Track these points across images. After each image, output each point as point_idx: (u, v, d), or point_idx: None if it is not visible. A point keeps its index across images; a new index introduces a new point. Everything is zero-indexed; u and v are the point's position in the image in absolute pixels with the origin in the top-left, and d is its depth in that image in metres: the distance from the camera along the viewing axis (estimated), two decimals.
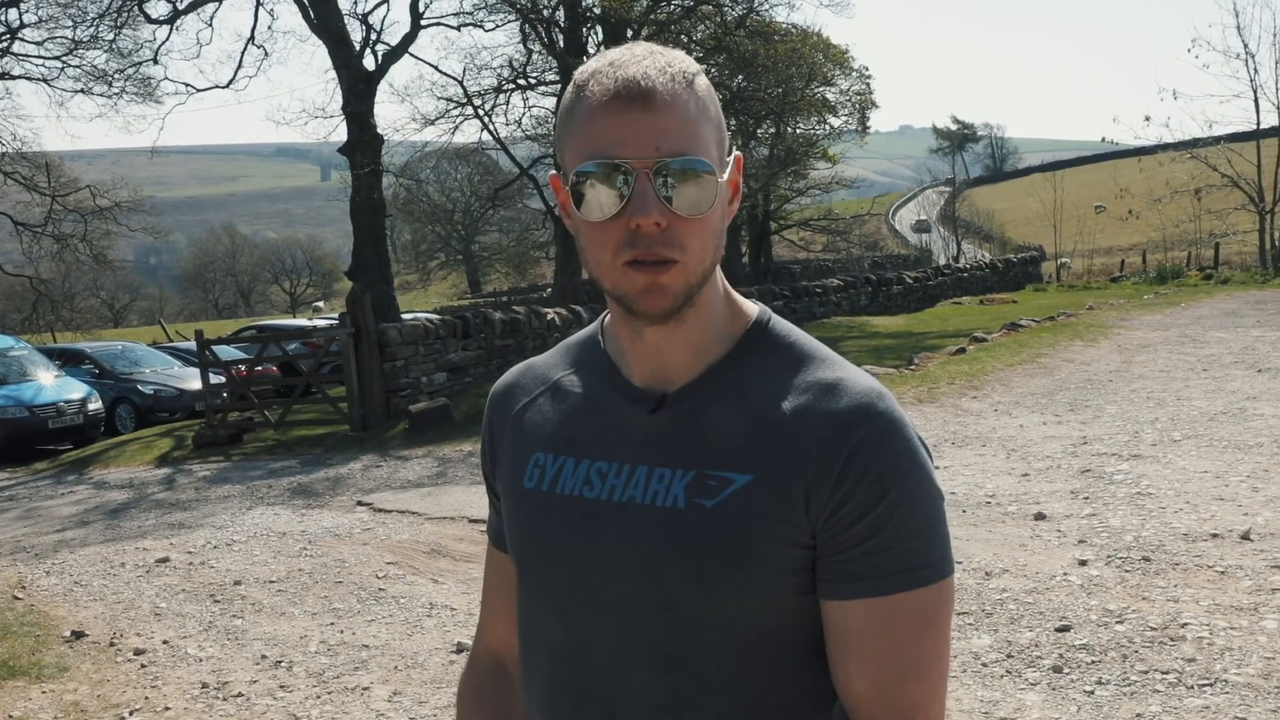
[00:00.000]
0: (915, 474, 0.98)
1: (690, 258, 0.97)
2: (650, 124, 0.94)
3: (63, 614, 5.72)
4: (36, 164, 24.20)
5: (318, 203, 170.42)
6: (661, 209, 0.94)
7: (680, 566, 0.99)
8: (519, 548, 1.12)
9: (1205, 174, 30.30)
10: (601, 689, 1.04)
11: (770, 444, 0.99)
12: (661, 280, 0.96)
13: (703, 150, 0.96)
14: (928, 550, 0.98)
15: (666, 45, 1.02)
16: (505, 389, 1.20)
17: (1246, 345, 12.59)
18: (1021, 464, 7.42)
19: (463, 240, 59.33)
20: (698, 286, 0.99)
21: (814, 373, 1.02)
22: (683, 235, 0.96)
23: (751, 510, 0.97)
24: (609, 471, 1.05)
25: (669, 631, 1.00)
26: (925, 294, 28.26)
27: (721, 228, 1.00)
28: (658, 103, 0.94)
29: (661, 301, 0.97)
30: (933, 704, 1.00)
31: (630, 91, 0.95)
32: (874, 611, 0.97)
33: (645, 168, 0.94)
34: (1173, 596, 4.60)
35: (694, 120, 0.96)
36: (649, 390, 1.05)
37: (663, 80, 0.95)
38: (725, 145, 1.01)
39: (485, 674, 1.26)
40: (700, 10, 22.38)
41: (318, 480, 9.38)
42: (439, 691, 4.32)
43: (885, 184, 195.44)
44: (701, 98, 0.98)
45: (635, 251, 0.96)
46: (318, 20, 16.35)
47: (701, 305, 1.02)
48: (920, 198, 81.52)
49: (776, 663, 1.01)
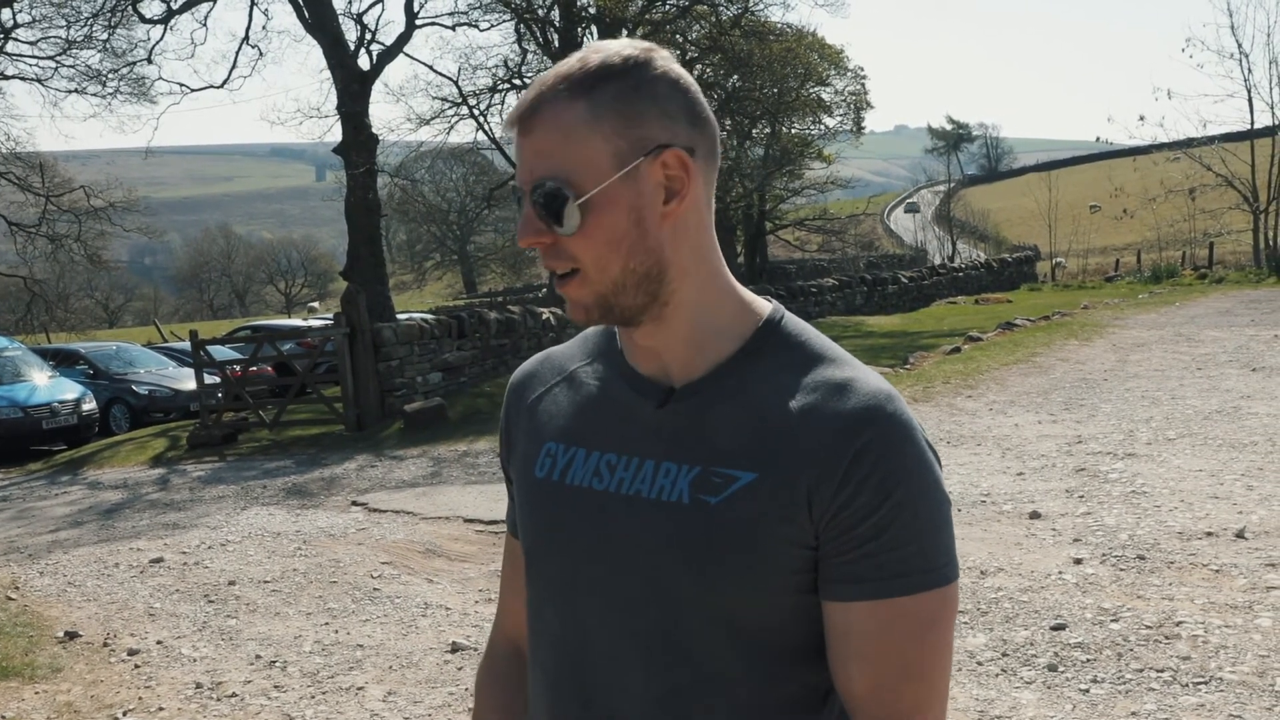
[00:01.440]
0: (922, 477, 0.97)
1: (589, 268, 0.99)
2: (529, 146, 0.98)
3: (56, 614, 5.70)
4: (31, 164, 24.17)
5: (313, 203, 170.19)
6: (537, 229, 0.98)
7: (682, 562, 0.99)
8: (528, 537, 1.12)
9: (1200, 173, 30.33)
10: (603, 682, 1.04)
11: (776, 442, 0.98)
12: (568, 292, 1.01)
13: (576, 166, 0.96)
14: (932, 554, 0.97)
15: (661, 45, 1.01)
16: (523, 378, 1.20)
17: (1241, 344, 12.61)
18: (1016, 463, 7.42)
19: (458, 240, 59.35)
20: (614, 294, 0.99)
21: (824, 372, 1.01)
22: (571, 249, 0.98)
23: (755, 508, 0.97)
24: (618, 464, 1.05)
25: (670, 627, 1.00)
26: (920, 294, 28.28)
27: (625, 237, 0.98)
28: (534, 123, 0.97)
29: (576, 312, 1.02)
30: (933, 706, 0.99)
31: (514, 117, 0.99)
32: (876, 614, 0.96)
33: (527, 190, 0.98)
34: (1168, 595, 4.60)
35: (575, 134, 0.96)
36: (657, 383, 1.05)
37: (548, 96, 0.97)
38: (634, 148, 0.97)
39: (503, 660, 1.27)
40: (695, 10, 22.39)
41: (312, 480, 9.36)
42: (433, 691, 4.32)
43: (880, 184, 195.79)
44: (598, 103, 0.96)
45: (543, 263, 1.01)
46: (312, 20, 16.33)
47: (683, 304, 1.02)
48: (915, 197, 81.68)
49: (777, 660, 1.01)
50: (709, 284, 1.04)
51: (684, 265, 1.01)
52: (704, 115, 1.02)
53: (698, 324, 1.03)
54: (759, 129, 32.14)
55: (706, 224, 1.04)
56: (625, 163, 0.97)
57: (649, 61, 0.99)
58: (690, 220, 1.01)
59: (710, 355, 1.04)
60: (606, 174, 0.97)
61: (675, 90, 0.99)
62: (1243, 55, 37.83)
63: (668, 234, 1.00)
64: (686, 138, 0.99)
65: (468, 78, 23.57)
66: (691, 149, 0.99)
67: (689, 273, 1.02)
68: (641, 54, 0.99)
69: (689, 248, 1.01)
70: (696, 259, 1.02)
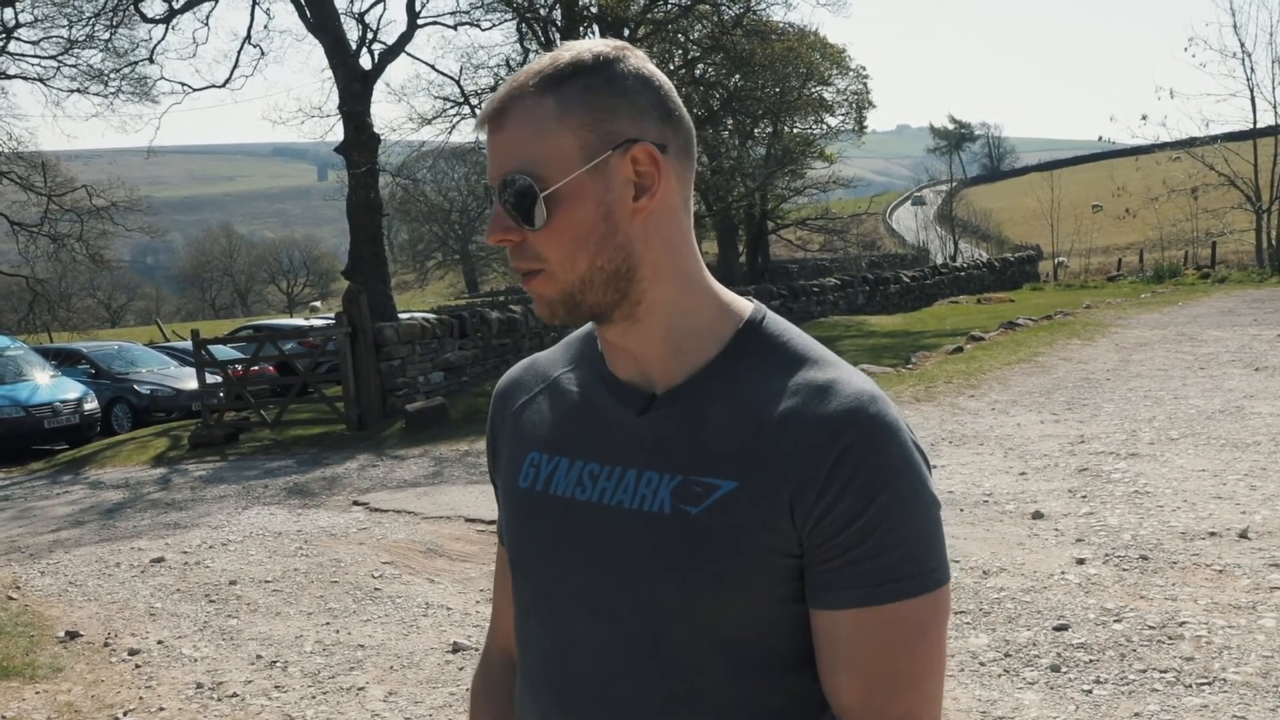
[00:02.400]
0: (906, 479, 0.94)
1: (554, 265, 0.97)
2: (497, 144, 0.97)
3: (57, 614, 5.70)
4: (33, 164, 24.21)
5: (314, 202, 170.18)
6: (505, 226, 0.97)
7: (665, 573, 0.97)
8: (513, 549, 1.10)
9: (1202, 173, 30.30)
10: (588, 694, 1.02)
11: (757, 449, 0.96)
12: (534, 289, 1.00)
13: (544, 160, 0.95)
14: (920, 558, 0.94)
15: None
16: (507, 386, 1.18)
17: (1244, 344, 12.59)
18: (1019, 463, 7.41)
19: (460, 240, 59.32)
20: (581, 291, 0.98)
21: (806, 374, 0.99)
22: (537, 246, 0.97)
23: (736, 517, 0.95)
24: (600, 474, 1.03)
25: (655, 638, 0.98)
26: (922, 293, 28.22)
27: (597, 228, 0.96)
28: (503, 121, 0.97)
29: (542, 308, 1.01)
30: (926, 715, 0.96)
31: (484, 116, 0.98)
32: (863, 622, 0.94)
33: (496, 187, 0.97)
34: (1171, 595, 4.59)
35: (543, 129, 0.95)
36: (636, 389, 1.03)
37: (517, 93, 0.96)
38: (609, 138, 0.96)
39: (497, 669, 1.25)
40: (697, 9, 22.37)
41: (314, 480, 9.36)
42: (434, 691, 4.31)
43: (882, 183, 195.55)
44: (566, 98, 0.95)
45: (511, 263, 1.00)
46: (314, 19, 16.33)
47: (656, 304, 1.00)
48: (917, 196, 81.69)
49: (765, 671, 0.98)
50: (685, 284, 1.01)
51: (656, 263, 0.99)
52: (677, 113, 1.00)
53: (674, 326, 1.01)
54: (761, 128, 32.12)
55: (682, 223, 1.01)
56: (593, 156, 0.95)
57: (620, 58, 0.97)
58: (663, 218, 0.99)
59: (690, 359, 1.01)
60: (574, 168, 0.95)
61: (646, 86, 0.98)
62: (1245, 54, 38.00)
63: (638, 231, 0.98)
64: (657, 134, 0.98)
65: (469, 77, 23.54)
66: (663, 145, 0.98)
67: (662, 272, 1.00)
68: (613, 51, 0.97)
69: (662, 245, 0.99)
70: (671, 258, 1.00)
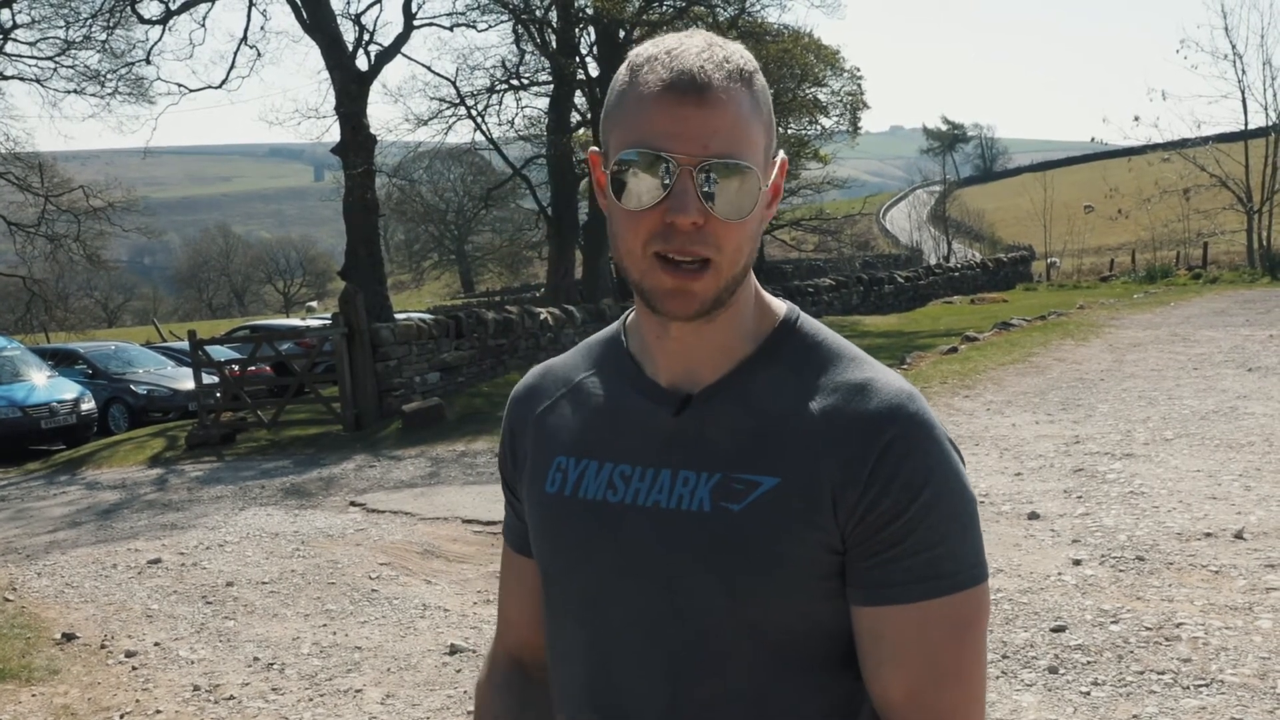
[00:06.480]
0: (947, 476, 0.95)
1: (724, 259, 0.94)
2: (701, 121, 0.91)
3: (53, 616, 5.69)
4: (30, 164, 24.14)
5: (311, 203, 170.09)
6: (700, 209, 0.92)
7: (706, 572, 0.97)
8: (544, 556, 1.10)
9: (1194, 174, 30.37)
10: (626, 696, 1.02)
11: (798, 446, 0.96)
12: (693, 286, 0.94)
13: (750, 153, 0.94)
14: (962, 554, 0.95)
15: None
16: (525, 392, 1.17)
17: (1236, 344, 12.62)
18: (1014, 463, 7.42)
19: (456, 240, 59.32)
20: (729, 291, 0.96)
21: (843, 373, 1.00)
22: (719, 236, 0.93)
23: (779, 514, 0.95)
24: (632, 475, 1.02)
25: (696, 638, 0.98)
26: (916, 293, 28.25)
27: (758, 231, 0.97)
28: (710, 99, 0.92)
29: (688, 306, 0.95)
30: (972, 709, 0.97)
31: (685, 84, 0.92)
32: (908, 618, 0.94)
33: (690, 165, 0.91)
34: (1167, 596, 4.60)
35: (746, 120, 0.93)
36: (674, 390, 1.03)
37: (719, 76, 0.92)
38: (773, 147, 0.98)
39: (504, 673, 1.24)
40: (692, 11, 22.37)
41: (310, 480, 9.35)
42: (432, 694, 4.31)
43: (876, 184, 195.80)
44: (757, 97, 0.95)
45: (668, 246, 0.93)
46: (311, 21, 16.33)
47: (737, 302, 1.00)
48: (911, 197, 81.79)
49: (804, 670, 0.99)
50: (751, 284, 1.03)
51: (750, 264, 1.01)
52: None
53: (735, 325, 1.02)
54: None
55: None
56: (771, 158, 0.98)
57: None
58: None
59: (732, 357, 1.02)
60: (764, 166, 0.97)
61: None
62: (1236, 56, 37.87)
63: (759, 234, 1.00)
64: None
65: (465, 78, 23.65)
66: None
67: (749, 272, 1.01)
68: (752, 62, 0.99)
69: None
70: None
